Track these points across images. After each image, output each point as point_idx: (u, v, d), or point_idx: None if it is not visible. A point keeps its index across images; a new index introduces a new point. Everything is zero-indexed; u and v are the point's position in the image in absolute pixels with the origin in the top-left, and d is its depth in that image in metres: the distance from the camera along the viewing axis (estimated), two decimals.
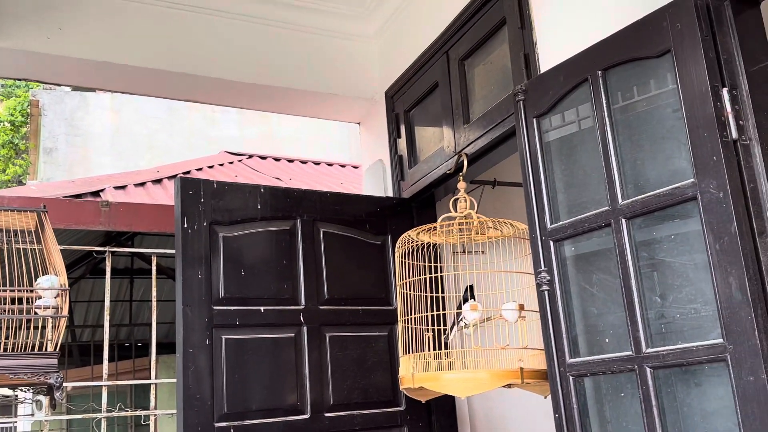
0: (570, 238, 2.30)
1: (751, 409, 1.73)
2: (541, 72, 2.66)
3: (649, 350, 1.98)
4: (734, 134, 1.89)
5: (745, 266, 1.79)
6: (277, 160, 8.90)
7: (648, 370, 1.97)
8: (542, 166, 2.41)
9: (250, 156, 8.81)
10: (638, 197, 2.07)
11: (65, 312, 2.43)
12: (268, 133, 11.84)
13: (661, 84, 2.08)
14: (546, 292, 2.33)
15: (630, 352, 2.03)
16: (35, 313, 2.47)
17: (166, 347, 5.37)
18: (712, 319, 1.85)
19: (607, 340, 2.16)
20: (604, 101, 2.19)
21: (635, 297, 2.04)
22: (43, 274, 2.55)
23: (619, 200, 2.11)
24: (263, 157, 8.89)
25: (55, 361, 2.42)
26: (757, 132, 1.89)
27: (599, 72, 2.20)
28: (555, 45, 2.72)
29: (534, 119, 2.45)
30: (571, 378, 2.21)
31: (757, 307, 1.76)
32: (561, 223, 2.32)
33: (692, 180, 1.92)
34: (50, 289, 2.45)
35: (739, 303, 1.78)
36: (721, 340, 1.81)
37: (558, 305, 2.29)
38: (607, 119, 2.17)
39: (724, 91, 1.91)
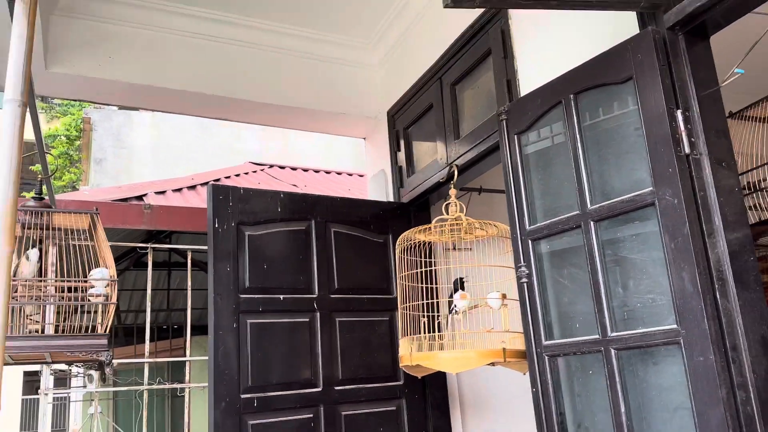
0: (546, 238, 2.30)
1: (700, 384, 1.74)
2: (522, 95, 2.65)
3: (614, 334, 1.98)
4: (687, 149, 1.89)
5: (696, 262, 1.79)
6: (293, 169, 8.88)
7: (612, 351, 1.97)
8: (522, 175, 2.40)
9: (271, 166, 8.80)
10: (604, 203, 2.06)
11: (114, 299, 2.43)
12: (286, 147, 11.84)
13: (625, 106, 2.07)
14: (525, 284, 2.33)
15: (597, 336, 2.03)
16: (88, 300, 2.48)
17: (198, 329, 5.37)
18: (668, 307, 1.85)
19: (577, 325, 2.15)
20: (575, 121, 2.19)
21: (601, 288, 2.04)
22: (95, 267, 2.56)
23: (588, 205, 2.11)
24: (282, 167, 8.87)
25: (105, 342, 2.43)
26: (706, 147, 1.89)
27: (571, 96, 2.20)
28: (533, 72, 2.70)
29: (515, 135, 2.45)
30: (546, 357, 2.22)
31: (706, 297, 1.77)
32: (538, 224, 2.32)
33: (651, 188, 1.92)
34: (101, 279, 2.45)
35: (691, 294, 1.78)
36: (675, 326, 1.82)
37: (535, 295, 2.29)
38: (577, 136, 2.17)
39: (678, 113, 1.91)
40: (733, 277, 1.79)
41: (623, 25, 2.17)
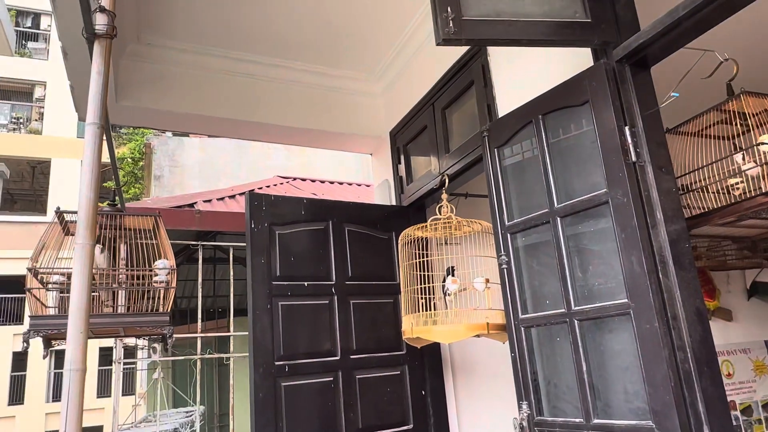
0: (521, 232, 2.30)
1: (647, 347, 1.74)
2: (500, 116, 2.65)
3: (576, 308, 1.99)
4: (633, 158, 1.89)
5: (642, 248, 1.80)
6: (313, 181, 8.88)
7: (575, 321, 1.98)
8: (501, 180, 2.40)
9: (295, 179, 8.80)
10: (568, 202, 2.07)
11: (174, 284, 2.44)
12: (306, 162, 11.85)
13: (583, 124, 2.07)
14: (505, 269, 2.33)
15: (563, 309, 2.04)
16: (153, 286, 2.49)
17: (238, 312, 5.36)
18: (620, 285, 1.86)
19: (547, 302, 2.15)
20: (543, 136, 2.19)
21: (567, 272, 2.04)
22: (158, 259, 2.57)
23: (555, 204, 2.11)
24: (303, 179, 8.87)
25: (167, 319, 2.43)
26: (649, 156, 1.89)
27: (540, 116, 2.21)
28: (508, 98, 2.71)
29: (495, 149, 2.45)
30: (522, 329, 2.22)
31: (651, 277, 1.77)
32: (515, 221, 2.32)
33: (605, 190, 1.93)
34: (164, 268, 2.46)
35: (639, 274, 1.79)
36: (626, 300, 1.82)
37: (513, 278, 2.29)
38: (545, 148, 2.18)
39: (626, 129, 1.92)
40: (672, 260, 1.79)
41: (580, 59, 2.17)
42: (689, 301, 1.77)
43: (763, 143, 2.02)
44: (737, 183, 2.12)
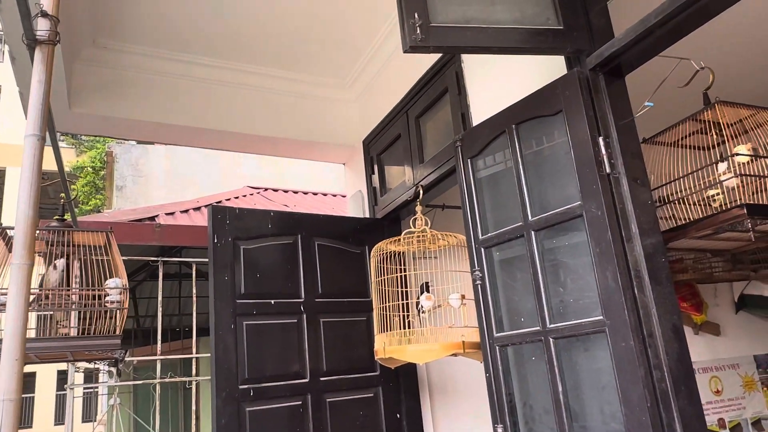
0: (495, 246, 2.30)
1: (623, 366, 1.75)
2: (473, 126, 2.67)
3: (552, 325, 2.00)
4: (608, 170, 1.91)
5: (617, 264, 1.81)
6: (285, 191, 8.86)
7: (551, 339, 1.98)
8: (475, 193, 2.41)
9: (266, 189, 8.78)
10: (542, 215, 2.07)
11: (126, 305, 2.41)
12: (278, 172, 11.82)
13: (557, 134, 2.09)
14: (479, 285, 2.32)
15: (538, 327, 2.04)
16: (105, 306, 2.45)
17: (205, 331, 5.31)
18: (595, 301, 1.87)
19: (522, 319, 2.15)
20: (517, 146, 2.20)
21: (541, 288, 2.05)
22: (111, 278, 2.53)
23: (529, 218, 2.12)
24: (275, 190, 8.85)
25: (118, 341, 2.39)
26: (624, 167, 1.91)
27: (513, 126, 2.22)
28: (482, 107, 2.73)
29: (468, 160, 2.45)
30: (497, 347, 2.22)
31: (627, 293, 1.79)
32: (489, 234, 2.32)
33: (579, 202, 1.94)
34: (115, 288, 2.43)
35: (614, 290, 1.80)
36: (601, 317, 1.83)
37: (488, 294, 2.28)
38: (519, 159, 2.19)
39: (600, 139, 1.94)
40: (648, 275, 1.81)
41: (554, 67, 2.21)
42: (666, 317, 1.79)
43: (738, 154, 2.08)
44: (715, 194, 2.17)
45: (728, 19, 2.19)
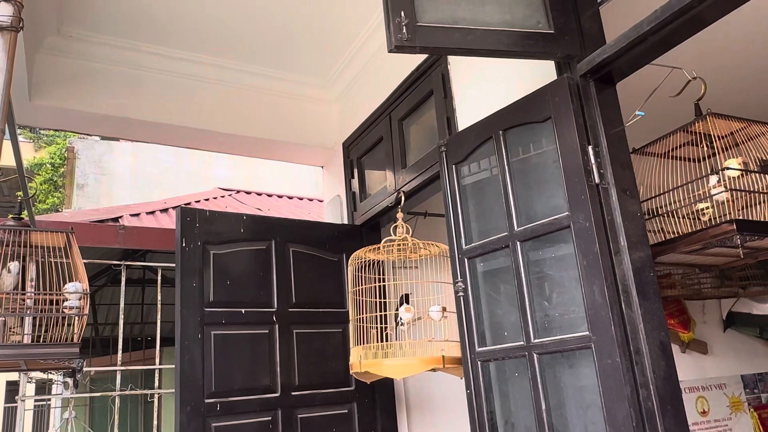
0: (479, 256, 2.31)
1: (608, 384, 1.77)
2: (459, 130, 2.68)
3: (536, 341, 2.00)
4: (597, 180, 1.94)
5: (604, 277, 1.83)
6: (259, 194, 8.81)
7: (535, 355, 1.99)
8: (459, 201, 2.41)
9: (238, 191, 8.72)
10: (529, 225, 2.09)
11: (86, 311, 2.36)
12: (252, 174, 11.76)
13: (545, 141, 2.11)
14: (461, 297, 2.32)
15: (522, 342, 2.05)
16: (63, 312, 2.40)
17: (169, 341, 5.23)
18: (581, 316, 1.88)
19: (506, 333, 2.16)
20: (504, 153, 2.22)
21: (526, 301, 2.06)
22: (70, 282, 2.49)
23: (515, 228, 2.13)
24: (248, 192, 8.79)
25: (77, 350, 2.34)
26: (613, 178, 1.94)
27: (500, 132, 2.24)
28: (469, 110, 2.76)
29: (453, 166, 2.46)
30: (479, 362, 2.22)
31: (613, 308, 1.81)
32: (473, 244, 2.32)
33: (567, 213, 1.96)
34: (75, 293, 2.38)
35: (600, 304, 1.82)
36: (587, 333, 1.85)
37: (470, 307, 2.29)
38: (506, 167, 2.20)
39: (590, 148, 1.96)
40: (636, 290, 1.83)
41: (543, 72, 2.24)
42: (653, 334, 1.82)
43: (729, 168, 2.13)
44: (705, 208, 2.22)
45: (722, 29, 2.24)
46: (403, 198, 3.15)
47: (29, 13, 2.28)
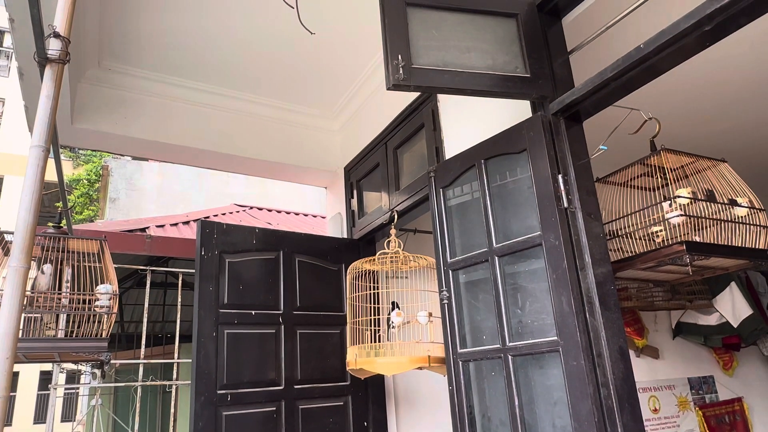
0: (462, 269, 2.30)
1: (574, 383, 1.76)
2: (446, 159, 2.69)
3: (511, 344, 2.00)
4: (565, 204, 1.94)
5: (571, 290, 1.83)
6: (269, 210, 8.79)
7: (510, 357, 1.99)
8: (445, 220, 2.41)
9: (251, 207, 8.70)
10: (506, 242, 2.09)
11: (115, 310, 2.34)
12: (264, 192, 11.74)
13: (521, 170, 2.12)
14: (446, 305, 2.32)
15: (498, 345, 2.04)
16: (94, 310, 2.38)
17: (186, 338, 5.20)
18: (551, 323, 1.88)
19: (484, 337, 2.15)
20: (485, 179, 2.23)
21: (503, 309, 2.05)
22: (101, 284, 2.47)
23: (494, 244, 2.13)
24: (260, 209, 8.77)
25: (105, 344, 2.32)
26: (579, 203, 1.94)
27: (482, 161, 2.25)
28: (455, 142, 2.77)
29: (441, 189, 2.46)
30: (460, 362, 2.21)
31: (579, 316, 1.80)
32: (456, 258, 2.32)
33: (539, 233, 1.96)
34: (105, 293, 2.36)
35: (568, 313, 1.82)
36: (556, 338, 1.84)
37: (453, 313, 2.28)
38: (486, 191, 2.21)
39: (560, 177, 1.97)
40: (599, 301, 1.83)
41: (520, 110, 2.26)
42: (613, 340, 1.81)
43: (679, 197, 2.14)
44: (658, 231, 2.23)
45: (675, 75, 2.27)
46: (396, 216, 3.16)
47: (75, 48, 2.28)
